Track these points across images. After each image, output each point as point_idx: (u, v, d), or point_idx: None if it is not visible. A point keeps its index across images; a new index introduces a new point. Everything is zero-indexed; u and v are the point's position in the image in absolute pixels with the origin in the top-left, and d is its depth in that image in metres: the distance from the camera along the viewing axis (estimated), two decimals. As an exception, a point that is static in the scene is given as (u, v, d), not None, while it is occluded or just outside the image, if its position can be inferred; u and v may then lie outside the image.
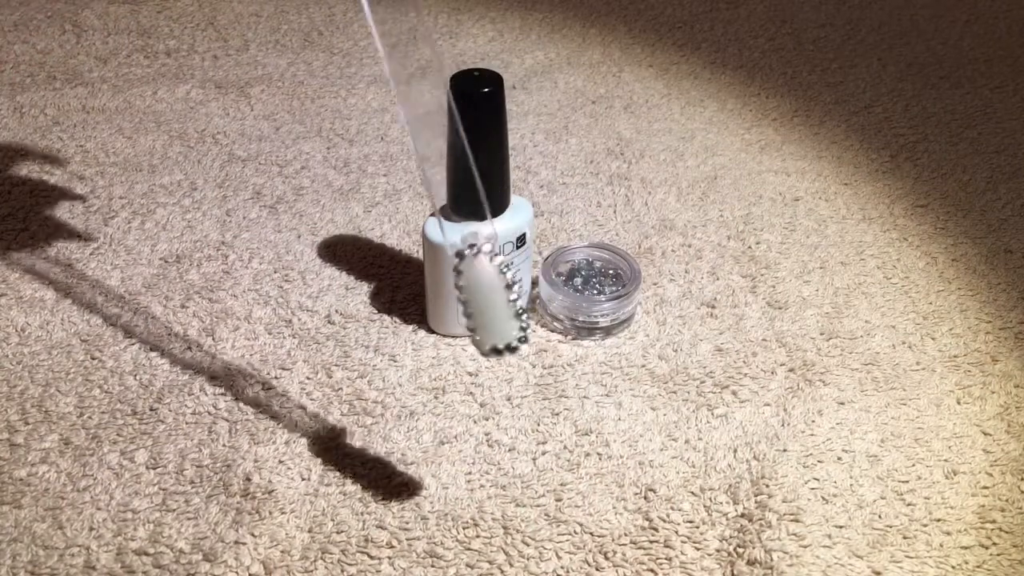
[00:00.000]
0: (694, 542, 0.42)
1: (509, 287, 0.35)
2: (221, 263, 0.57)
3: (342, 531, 0.42)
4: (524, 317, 0.36)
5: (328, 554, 0.41)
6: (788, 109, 0.77)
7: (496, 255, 0.36)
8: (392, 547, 0.41)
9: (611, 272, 0.54)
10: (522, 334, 0.35)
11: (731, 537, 0.42)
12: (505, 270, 0.36)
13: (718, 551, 0.41)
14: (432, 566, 0.40)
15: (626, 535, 0.42)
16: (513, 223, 0.48)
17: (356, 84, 0.77)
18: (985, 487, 0.45)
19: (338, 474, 0.44)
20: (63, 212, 0.61)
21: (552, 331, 0.53)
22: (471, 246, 0.36)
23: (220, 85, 0.76)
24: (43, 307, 0.53)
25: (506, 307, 0.35)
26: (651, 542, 0.42)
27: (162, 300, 0.54)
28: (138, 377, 0.49)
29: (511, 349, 0.35)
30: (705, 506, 0.43)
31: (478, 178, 0.37)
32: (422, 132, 0.36)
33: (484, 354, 0.35)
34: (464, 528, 0.42)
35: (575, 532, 0.42)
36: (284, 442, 0.46)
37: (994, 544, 0.42)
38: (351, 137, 0.71)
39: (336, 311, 0.54)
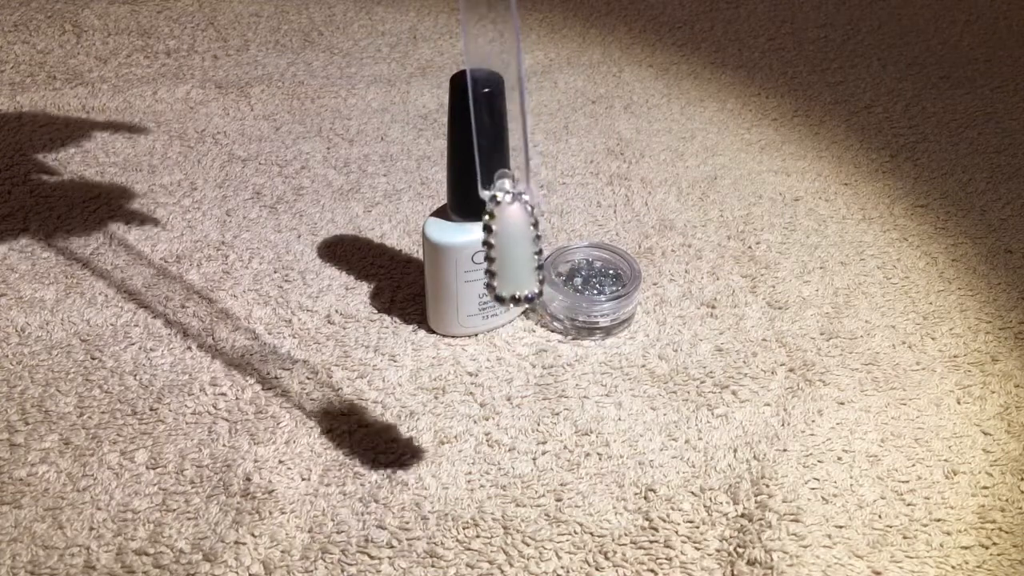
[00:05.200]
0: (694, 542, 0.42)
1: (537, 239, 0.36)
2: (221, 263, 0.57)
3: (342, 531, 0.42)
4: (541, 271, 0.36)
5: (328, 554, 0.41)
6: (788, 109, 0.77)
7: (531, 206, 0.36)
8: (392, 547, 0.41)
9: (611, 272, 0.54)
10: (539, 287, 0.36)
11: (731, 537, 0.42)
12: (535, 223, 0.36)
13: (718, 551, 0.41)
14: (432, 566, 0.40)
15: (626, 535, 0.42)
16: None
17: (356, 84, 0.77)
18: (985, 487, 0.45)
19: (338, 474, 0.44)
20: (63, 212, 0.61)
21: (552, 331, 0.53)
22: (510, 192, 0.36)
23: (220, 85, 0.76)
24: (43, 307, 0.53)
25: (529, 259, 0.36)
26: (651, 542, 0.42)
27: (162, 300, 0.54)
28: (138, 377, 0.49)
29: (527, 300, 0.36)
30: (705, 506, 0.43)
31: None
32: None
33: (498, 300, 0.36)
34: (464, 528, 0.42)
35: (575, 532, 0.42)
36: (284, 442, 0.46)
37: (994, 544, 0.42)
38: (351, 137, 0.71)
39: (336, 311, 0.54)
